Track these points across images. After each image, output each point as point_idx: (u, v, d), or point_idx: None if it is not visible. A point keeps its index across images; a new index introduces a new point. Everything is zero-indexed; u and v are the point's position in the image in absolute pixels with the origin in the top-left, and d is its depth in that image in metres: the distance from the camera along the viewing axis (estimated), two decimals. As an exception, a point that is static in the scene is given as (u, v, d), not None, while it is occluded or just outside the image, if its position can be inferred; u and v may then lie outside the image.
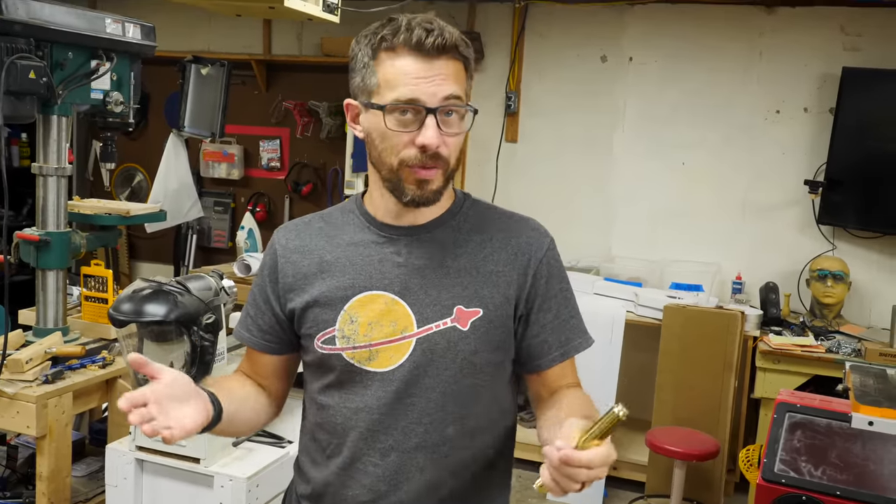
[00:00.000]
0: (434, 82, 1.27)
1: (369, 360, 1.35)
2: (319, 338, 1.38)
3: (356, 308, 1.36)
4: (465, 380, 1.36)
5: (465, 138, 4.66)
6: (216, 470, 2.23)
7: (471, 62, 1.33)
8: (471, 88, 1.35)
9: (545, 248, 1.42)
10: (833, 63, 4.18)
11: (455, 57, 1.29)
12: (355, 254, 1.40)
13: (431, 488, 1.36)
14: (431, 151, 1.28)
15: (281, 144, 5.30)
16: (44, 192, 2.66)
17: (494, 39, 4.78)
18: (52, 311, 2.72)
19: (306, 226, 1.48)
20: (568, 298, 1.44)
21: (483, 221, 1.43)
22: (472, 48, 1.34)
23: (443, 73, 1.28)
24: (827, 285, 4.03)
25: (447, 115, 1.29)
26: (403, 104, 1.27)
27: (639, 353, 4.38)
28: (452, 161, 1.33)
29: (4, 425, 2.49)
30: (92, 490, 2.86)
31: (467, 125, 1.33)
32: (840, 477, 2.30)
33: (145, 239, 5.48)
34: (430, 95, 1.27)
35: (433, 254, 1.38)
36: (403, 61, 1.28)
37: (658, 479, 3.90)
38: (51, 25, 2.46)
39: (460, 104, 1.30)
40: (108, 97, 2.72)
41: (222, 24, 5.34)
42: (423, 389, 1.34)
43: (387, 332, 1.35)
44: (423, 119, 1.27)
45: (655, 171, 4.59)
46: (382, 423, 1.35)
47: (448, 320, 1.35)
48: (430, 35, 1.26)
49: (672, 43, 4.49)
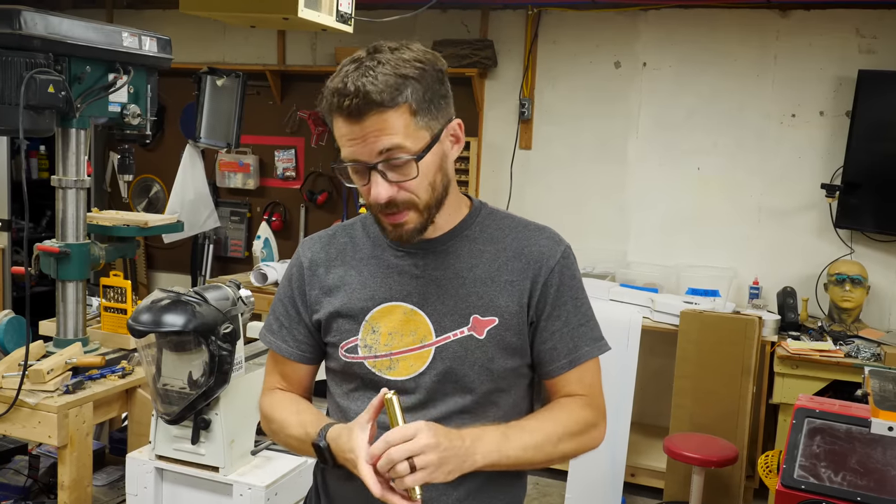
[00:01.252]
0: (367, 141, 1.28)
1: (390, 369, 1.40)
2: (343, 346, 1.43)
3: (377, 318, 1.41)
4: (482, 386, 1.39)
5: (478, 145, 4.63)
6: (235, 478, 2.25)
7: (415, 96, 1.28)
8: (431, 115, 1.32)
9: (558, 256, 1.43)
10: (849, 66, 4.16)
11: (382, 110, 1.26)
12: (376, 267, 1.44)
13: (449, 489, 1.38)
14: (383, 203, 1.32)
15: (296, 154, 5.33)
16: (63, 205, 2.70)
17: (508, 47, 4.79)
18: (72, 321, 2.75)
19: (330, 238, 1.52)
20: (579, 306, 1.45)
21: (498, 231, 1.45)
22: (421, 75, 1.30)
23: (373, 129, 1.27)
24: (845, 289, 4.01)
25: (396, 162, 1.29)
26: (349, 164, 1.32)
27: (655, 359, 4.37)
28: (423, 198, 1.33)
29: (26, 435, 2.51)
30: (112, 499, 2.89)
31: (430, 161, 1.32)
32: (860, 482, 2.28)
33: (163, 249, 5.52)
34: (365, 154, 1.29)
35: (449, 265, 1.41)
36: (339, 123, 1.30)
37: (676, 486, 3.88)
38: (69, 40, 2.50)
39: (401, 153, 1.28)
40: (126, 110, 2.75)
41: (237, 36, 5.39)
42: (443, 395, 1.38)
43: (407, 342, 1.39)
44: (369, 175, 1.31)
45: (670, 176, 4.58)
46: None
47: (465, 329, 1.38)
48: (346, 98, 1.26)
49: (686, 48, 4.48)
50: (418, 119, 1.30)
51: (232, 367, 2.20)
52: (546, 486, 4.17)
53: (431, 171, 1.33)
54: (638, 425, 4.28)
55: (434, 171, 1.34)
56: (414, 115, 1.29)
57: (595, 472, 3.93)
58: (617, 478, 3.92)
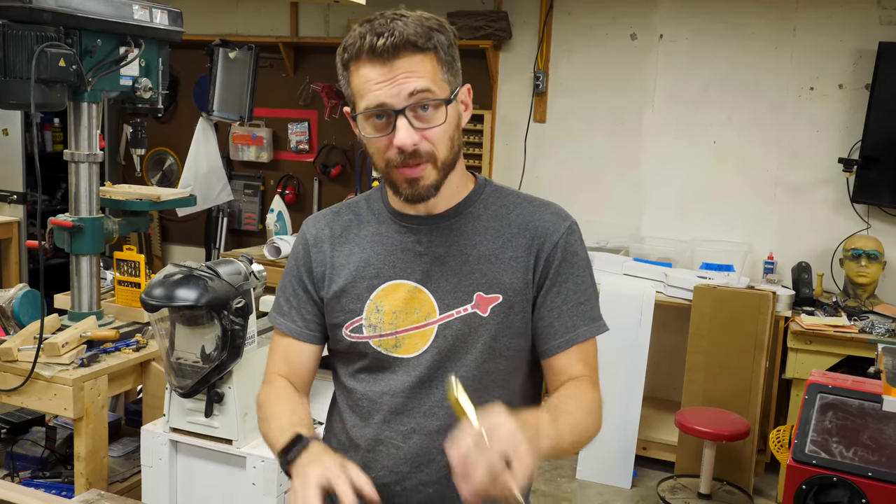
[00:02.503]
0: (397, 82, 1.26)
1: (395, 347, 1.39)
2: (347, 326, 1.42)
3: (381, 297, 1.40)
4: (485, 364, 1.38)
5: (492, 118, 4.60)
6: (248, 451, 2.27)
7: (441, 48, 1.29)
8: (452, 71, 1.33)
9: (561, 232, 1.41)
10: (869, 38, 4.10)
11: (415, 51, 1.26)
12: (379, 244, 1.43)
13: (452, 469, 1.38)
14: (409, 150, 1.29)
15: (309, 127, 5.32)
16: (76, 179, 2.70)
17: (522, 18, 4.74)
18: (87, 295, 2.77)
19: (335, 216, 1.50)
20: (580, 284, 1.41)
21: (503, 208, 1.43)
22: (444, 31, 1.31)
23: (404, 71, 1.26)
24: (861, 265, 3.98)
25: (423, 109, 1.28)
26: (373, 110, 1.29)
27: (668, 334, 4.36)
28: (442, 152, 1.32)
29: (42, 407, 2.54)
30: (128, 470, 2.93)
31: (452, 114, 1.32)
32: (872, 458, 2.28)
33: (177, 222, 5.55)
34: (394, 97, 1.27)
35: (453, 241, 1.40)
36: (365, 69, 1.28)
37: (688, 460, 3.89)
38: (79, 13, 2.49)
39: (430, 97, 1.28)
40: (137, 83, 2.74)
41: (249, 7, 5.36)
42: (445, 374, 1.36)
43: (411, 320, 1.38)
44: (395, 121, 1.28)
45: (686, 150, 4.54)
46: (406, 406, 1.39)
47: (468, 306, 1.37)
48: (380, 38, 1.25)
49: (703, 20, 4.42)
50: (443, 71, 1.30)
51: (244, 342, 2.21)
52: (558, 460, 4.19)
53: (452, 125, 1.32)
54: (650, 399, 4.29)
55: (454, 126, 1.33)
56: (440, 65, 1.30)
57: (607, 446, 3.95)
58: (629, 451, 3.93)
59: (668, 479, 3.88)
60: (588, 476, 3.99)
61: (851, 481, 2.25)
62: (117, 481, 2.83)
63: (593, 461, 3.99)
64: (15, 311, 2.69)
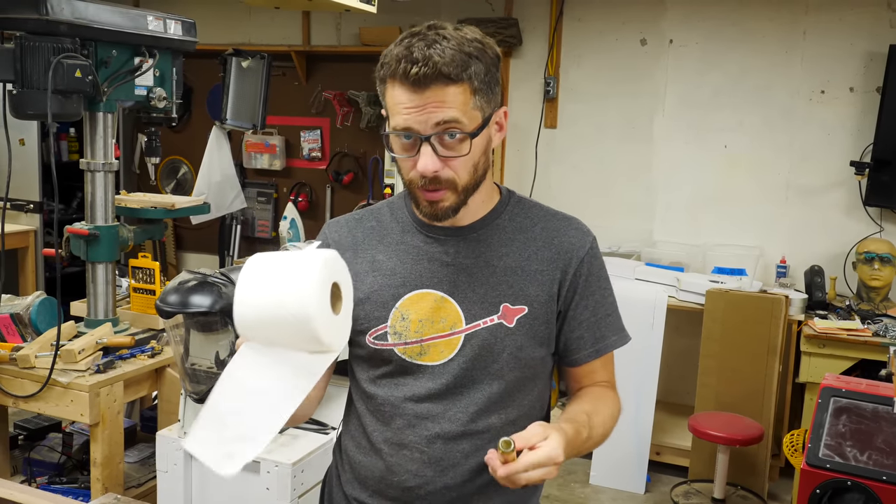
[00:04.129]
0: (426, 111, 1.28)
1: (420, 355, 1.41)
2: (371, 334, 1.43)
3: (407, 305, 1.42)
4: (510, 374, 1.41)
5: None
6: (262, 456, 2.28)
7: (477, 77, 1.30)
8: (487, 97, 1.33)
9: (587, 248, 1.45)
10: (880, 41, 4.09)
11: (447, 83, 1.27)
12: (405, 253, 1.45)
13: (475, 473, 1.40)
14: (429, 177, 1.32)
15: (321, 134, 5.35)
16: (92, 188, 2.74)
17: (532, 24, 4.76)
18: (103, 302, 2.80)
19: (357, 223, 1.52)
20: (606, 297, 1.48)
21: (527, 220, 1.46)
22: (482, 56, 1.31)
23: (434, 101, 1.27)
24: (874, 268, 3.97)
25: (449, 136, 1.30)
26: (400, 132, 1.31)
27: (681, 338, 4.36)
28: (463, 179, 1.34)
29: (59, 413, 2.57)
30: (144, 475, 2.95)
31: (479, 143, 1.33)
32: (886, 462, 2.27)
33: (191, 230, 5.58)
34: (421, 123, 1.29)
35: (479, 253, 1.42)
36: (397, 91, 1.29)
37: (701, 464, 3.88)
38: (95, 24, 2.52)
39: (457, 128, 1.29)
40: (152, 93, 2.78)
41: (262, 17, 5.40)
42: (471, 382, 1.39)
43: (437, 329, 1.40)
44: (419, 146, 1.30)
45: (697, 154, 4.54)
46: (430, 411, 1.40)
47: (495, 317, 1.40)
48: (415, 66, 1.26)
49: (713, 24, 4.43)
50: (476, 99, 1.31)
51: (258, 347, 2.22)
52: (571, 465, 4.19)
53: (478, 153, 1.34)
54: (663, 404, 4.28)
55: (479, 153, 1.35)
56: (473, 95, 1.30)
57: (620, 451, 3.95)
58: (642, 456, 3.93)
59: (681, 484, 3.88)
60: (601, 481, 3.99)
61: (866, 485, 2.25)
62: (133, 486, 2.85)
63: (606, 466, 3.99)
64: (32, 318, 2.72)
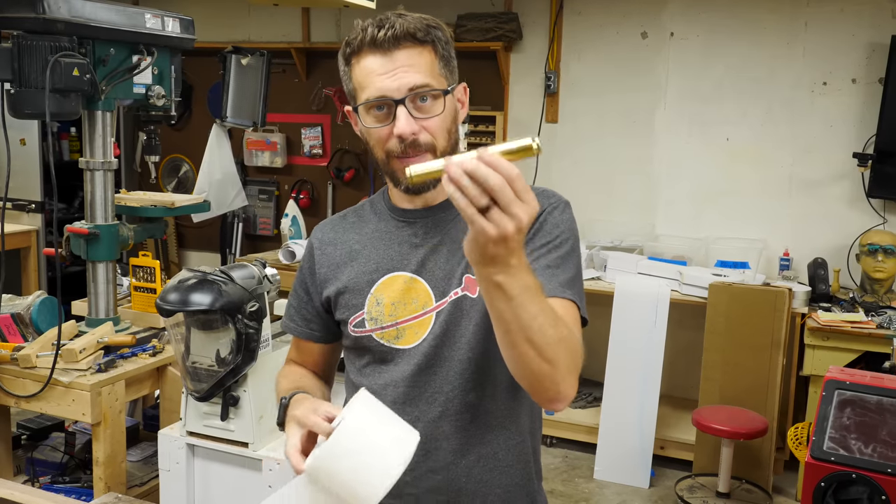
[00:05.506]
0: (396, 75, 1.31)
1: (397, 339, 1.42)
2: (351, 322, 1.46)
3: (381, 290, 1.43)
4: (480, 345, 1.38)
5: (504, 119, 4.60)
6: (264, 454, 2.28)
7: (439, 43, 1.36)
8: (449, 68, 1.38)
9: (543, 208, 1.38)
10: (882, 32, 4.07)
11: (414, 43, 1.33)
12: (378, 240, 1.47)
13: (459, 455, 1.40)
14: (408, 139, 1.33)
15: (322, 131, 5.34)
16: (91, 187, 2.73)
17: (532, 19, 4.74)
18: (103, 301, 2.80)
19: (341, 220, 1.57)
20: (553, 249, 1.35)
21: None
22: (441, 29, 1.37)
23: (404, 63, 1.32)
24: (878, 260, 3.95)
25: (422, 100, 1.33)
26: (374, 101, 1.33)
27: (684, 332, 4.35)
28: (441, 143, 1.35)
29: (61, 413, 2.57)
30: (147, 474, 2.95)
31: (450, 105, 1.37)
32: (891, 454, 2.26)
33: (193, 228, 5.58)
34: (394, 89, 1.31)
35: (447, 231, 1.43)
36: (366, 61, 1.34)
37: (706, 458, 3.87)
38: (92, 23, 2.51)
39: (429, 89, 1.33)
40: (151, 91, 2.77)
41: (261, 14, 5.39)
42: (443, 359, 1.39)
43: (410, 310, 1.41)
44: (395, 111, 1.32)
45: (699, 148, 4.53)
46: (408, 395, 1.41)
47: (458, 290, 1.39)
48: (381, 29, 1.31)
49: (714, 16, 4.41)
50: (440, 65, 1.36)
51: (259, 345, 2.22)
52: (575, 459, 4.18)
53: (449, 117, 1.37)
54: (667, 398, 4.27)
55: (451, 118, 1.38)
56: (438, 60, 1.36)
57: (624, 445, 3.94)
58: (646, 451, 3.92)
59: (686, 479, 3.87)
60: (605, 476, 3.98)
61: (871, 478, 2.24)
62: (136, 485, 2.85)
63: (611, 461, 3.99)
64: (33, 317, 2.72)
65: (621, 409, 3.96)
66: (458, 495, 1.40)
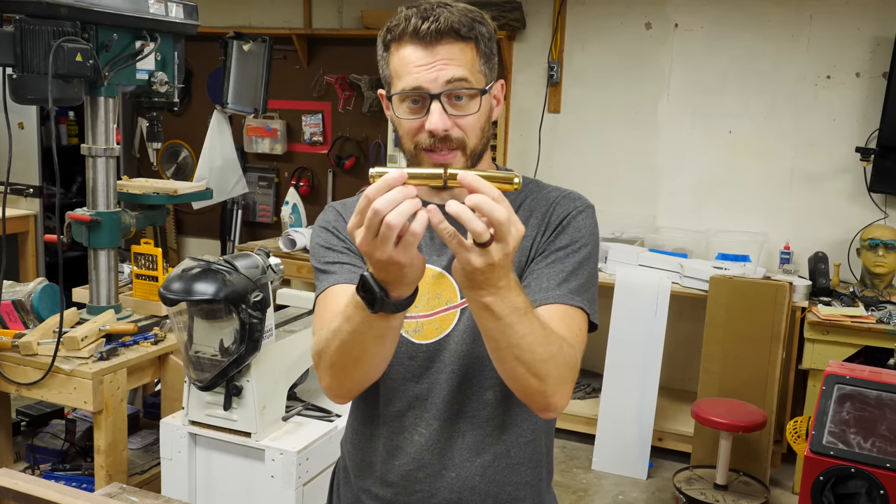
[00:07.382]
0: (435, 68, 1.28)
1: (416, 332, 1.39)
2: None
3: None
4: None
5: (506, 108, 4.59)
6: (267, 444, 2.28)
7: (482, 40, 1.32)
8: (489, 65, 1.34)
9: (569, 211, 1.39)
10: (887, 26, 4.06)
11: (457, 39, 1.29)
12: None
13: (474, 453, 1.39)
14: (440, 135, 1.30)
15: (323, 119, 5.32)
16: (93, 173, 2.72)
17: (536, 8, 4.72)
18: (105, 289, 2.79)
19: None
20: (570, 255, 1.34)
21: (527, 197, 1.43)
22: (485, 24, 1.33)
23: (444, 57, 1.28)
24: (878, 255, 3.95)
25: (457, 98, 1.30)
26: (409, 92, 1.30)
27: (684, 325, 4.35)
28: (471, 141, 1.33)
29: (62, 401, 2.57)
30: (147, 462, 2.95)
31: (486, 104, 1.33)
32: (890, 449, 2.27)
33: (192, 214, 5.56)
34: (431, 81, 1.28)
35: None
36: (406, 50, 1.30)
37: (704, 451, 3.88)
38: (96, 8, 2.49)
39: (466, 86, 1.30)
40: (153, 77, 2.75)
41: (263, 0, 5.36)
42: (463, 357, 1.37)
43: (432, 305, 1.38)
44: (429, 105, 1.29)
45: (701, 140, 4.52)
46: (427, 392, 1.39)
47: None
48: (425, 21, 1.27)
49: (718, 8, 4.39)
50: (481, 62, 1.32)
51: (262, 335, 2.22)
52: (573, 450, 4.19)
53: (484, 116, 1.34)
54: (666, 390, 4.28)
55: (486, 118, 1.35)
56: (479, 56, 1.32)
57: (623, 436, 3.95)
58: (645, 442, 3.93)
59: (684, 470, 3.88)
60: (604, 467, 3.99)
61: (869, 472, 2.25)
62: (136, 473, 2.85)
63: (609, 452, 3.99)
64: (34, 305, 2.71)
65: (620, 401, 3.96)
66: (472, 494, 1.40)
